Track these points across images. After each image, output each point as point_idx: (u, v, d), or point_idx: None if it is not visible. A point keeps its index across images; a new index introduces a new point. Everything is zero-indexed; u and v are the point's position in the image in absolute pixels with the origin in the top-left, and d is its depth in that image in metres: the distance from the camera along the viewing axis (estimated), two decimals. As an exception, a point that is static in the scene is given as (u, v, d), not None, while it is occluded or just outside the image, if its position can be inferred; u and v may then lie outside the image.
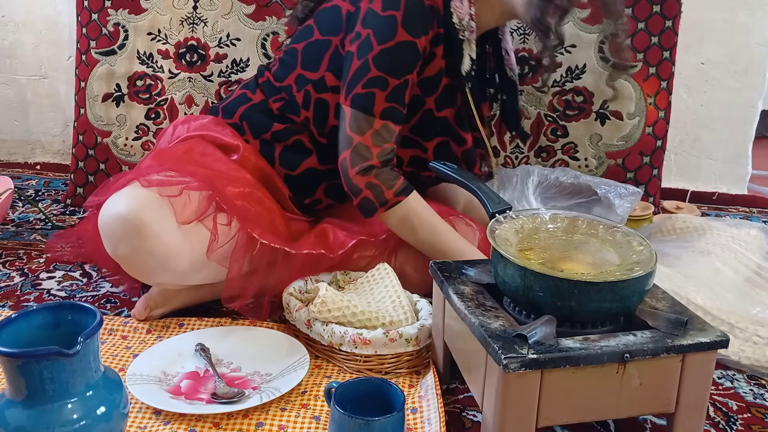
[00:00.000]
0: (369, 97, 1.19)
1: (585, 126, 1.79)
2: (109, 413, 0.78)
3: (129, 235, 1.06)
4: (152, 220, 1.07)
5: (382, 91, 1.18)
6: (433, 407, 0.96)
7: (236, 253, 1.16)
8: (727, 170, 2.03)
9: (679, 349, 0.83)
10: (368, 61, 1.18)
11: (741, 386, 1.10)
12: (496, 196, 1.05)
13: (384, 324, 1.09)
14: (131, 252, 1.08)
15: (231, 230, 1.16)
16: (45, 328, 0.82)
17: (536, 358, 0.79)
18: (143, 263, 1.09)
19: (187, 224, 1.12)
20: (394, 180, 1.22)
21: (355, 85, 1.19)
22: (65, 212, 1.81)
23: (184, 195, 1.12)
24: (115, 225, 1.07)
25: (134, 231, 1.06)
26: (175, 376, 1.04)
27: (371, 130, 1.19)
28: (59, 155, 2.22)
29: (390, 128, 1.21)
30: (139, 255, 1.08)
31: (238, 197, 1.19)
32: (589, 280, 0.83)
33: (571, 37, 1.74)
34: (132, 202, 1.07)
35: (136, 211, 1.06)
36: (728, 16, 1.89)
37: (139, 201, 1.07)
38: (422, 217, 1.24)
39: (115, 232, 1.07)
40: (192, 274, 1.15)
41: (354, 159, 1.21)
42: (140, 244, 1.07)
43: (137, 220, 1.06)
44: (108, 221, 1.08)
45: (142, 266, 1.10)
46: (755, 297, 1.23)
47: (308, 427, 0.95)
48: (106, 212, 1.08)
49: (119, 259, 1.11)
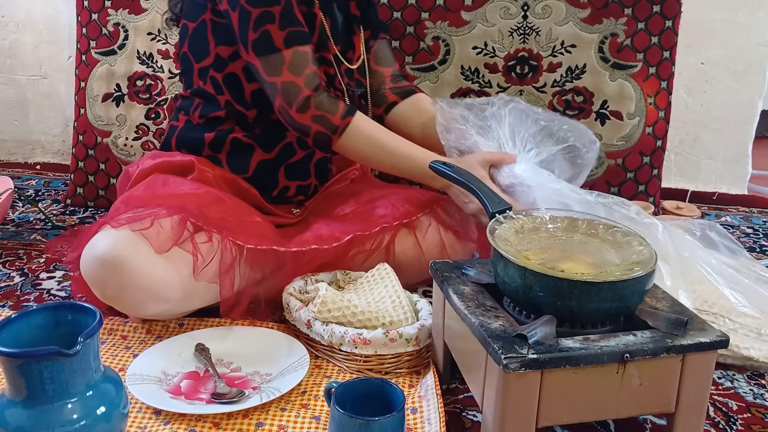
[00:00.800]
0: (264, 36, 1.19)
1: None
2: (109, 413, 0.78)
3: (111, 275, 1.06)
4: (130, 255, 1.06)
5: (272, 24, 1.18)
6: (433, 407, 0.96)
7: (223, 266, 1.15)
8: (727, 170, 2.03)
9: (679, 349, 0.83)
10: (243, 6, 1.18)
11: (741, 386, 1.10)
12: (496, 196, 1.05)
13: (384, 324, 1.09)
14: (119, 290, 1.08)
15: (214, 246, 1.15)
16: (45, 328, 0.82)
17: (536, 358, 0.79)
18: (133, 299, 1.09)
19: (166, 252, 1.11)
20: (336, 104, 1.24)
21: (245, 34, 1.19)
22: (65, 212, 1.81)
23: (155, 225, 1.11)
24: (95, 269, 1.07)
25: (115, 269, 1.06)
26: (175, 376, 1.04)
27: (285, 65, 1.19)
28: (59, 155, 2.22)
29: (300, 52, 1.21)
30: (127, 291, 1.08)
31: (211, 212, 1.18)
32: (589, 280, 0.83)
33: (571, 37, 1.74)
34: (106, 243, 1.07)
35: (111, 249, 1.06)
36: (728, 16, 1.89)
37: (113, 240, 1.07)
38: (374, 133, 1.26)
39: (98, 276, 1.08)
40: (187, 300, 1.14)
41: (287, 100, 1.21)
42: (125, 280, 1.07)
43: (114, 258, 1.06)
44: (89, 267, 1.08)
45: (134, 302, 1.09)
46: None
47: (308, 427, 0.95)
48: (85, 260, 1.09)
49: (111, 302, 1.11)
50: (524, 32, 1.75)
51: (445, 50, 1.76)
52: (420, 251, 1.28)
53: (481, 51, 1.76)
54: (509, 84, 1.78)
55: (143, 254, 1.08)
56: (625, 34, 1.74)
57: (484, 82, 1.78)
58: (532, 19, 1.74)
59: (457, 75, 1.77)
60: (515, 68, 1.77)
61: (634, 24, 1.73)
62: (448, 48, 1.76)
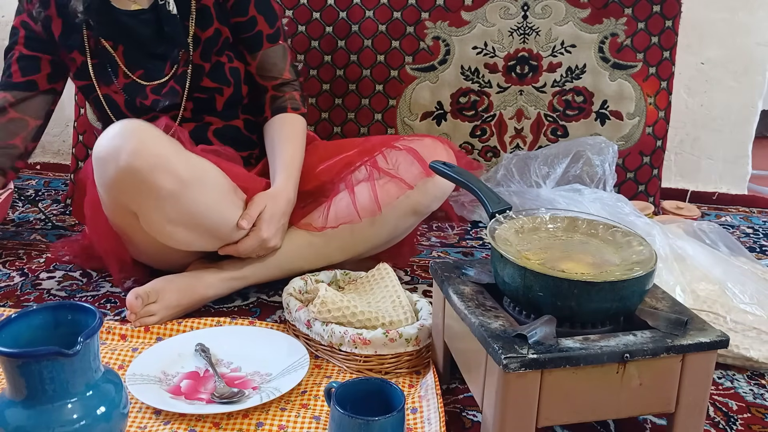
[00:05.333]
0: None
1: (585, 126, 1.79)
2: (109, 413, 0.78)
3: (127, 141, 1.09)
4: (139, 126, 1.12)
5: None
6: (433, 407, 0.96)
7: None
8: (727, 170, 2.03)
9: (679, 349, 0.83)
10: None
11: (741, 386, 1.10)
12: (496, 195, 1.04)
13: (384, 324, 1.09)
14: (132, 156, 1.09)
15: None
16: (45, 328, 0.82)
17: (536, 358, 0.79)
18: (145, 163, 1.09)
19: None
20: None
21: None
22: (65, 212, 1.81)
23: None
24: (109, 140, 1.11)
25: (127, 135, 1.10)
26: (175, 376, 1.04)
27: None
28: (59, 155, 2.22)
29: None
30: (140, 157, 1.09)
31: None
32: (589, 280, 0.83)
33: (571, 37, 1.74)
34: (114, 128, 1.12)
35: (122, 125, 1.12)
36: (728, 16, 1.89)
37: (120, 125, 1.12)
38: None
39: (111, 146, 1.10)
40: (195, 182, 1.15)
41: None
42: (136, 145, 1.09)
43: (124, 129, 1.11)
44: (100, 145, 1.12)
45: (146, 167, 1.09)
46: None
47: (308, 427, 0.95)
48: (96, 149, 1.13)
49: (121, 182, 1.11)
50: (524, 32, 1.75)
51: (445, 50, 1.76)
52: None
53: (481, 51, 1.76)
54: (509, 84, 1.78)
55: (156, 132, 1.14)
56: (625, 34, 1.74)
57: (484, 82, 1.78)
58: (532, 19, 1.74)
59: (457, 75, 1.77)
60: (515, 68, 1.77)
61: (634, 24, 1.73)
62: (448, 48, 1.76)
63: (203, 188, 1.16)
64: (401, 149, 1.31)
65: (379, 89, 1.79)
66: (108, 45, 1.30)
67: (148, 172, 1.09)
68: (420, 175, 1.28)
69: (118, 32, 1.30)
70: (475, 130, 1.81)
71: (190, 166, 1.15)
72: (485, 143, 1.82)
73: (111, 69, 1.32)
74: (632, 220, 1.36)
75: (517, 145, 1.82)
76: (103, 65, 1.32)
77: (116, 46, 1.31)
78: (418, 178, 1.28)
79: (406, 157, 1.30)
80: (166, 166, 1.11)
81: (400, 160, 1.31)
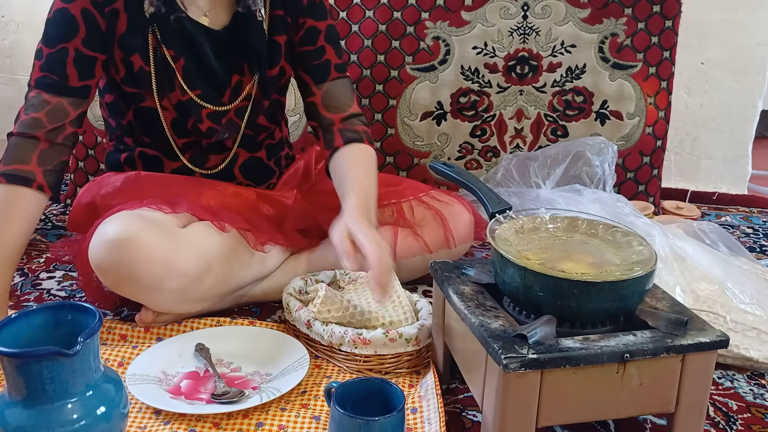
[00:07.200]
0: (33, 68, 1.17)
1: (585, 126, 1.79)
2: (109, 413, 0.78)
3: (124, 252, 1.06)
4: (141, 231, 1.08)
5: (39, 60, 1.16)
6: (433, 407, 0.96)
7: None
8: (727, 170, 2.03)
9: (679, 349, 0.83)
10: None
11: (741, 386, 1.10)
12: (496, 195, 1.05)
13: (384, 324, 1.09)
14: (133, 267, 1.07)
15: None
16: (45, 328, 0.82)
17: (536, 358, 0.79)
18: (149, 274, 1.08)
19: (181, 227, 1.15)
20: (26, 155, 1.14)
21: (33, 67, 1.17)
22: (65, 212, 1.81)
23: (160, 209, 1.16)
24: (107, 250, 1.07)
25: (127, 245, 1.06)
26: (175, 376, 1.04)
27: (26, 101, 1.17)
28: (59, 155, 2.21)
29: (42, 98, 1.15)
30: (142, 266, 1.07)
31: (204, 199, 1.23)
32: (589, 280, 0.83)
33: (571, 37, 1.74)
34: (116, 225, 1.08)
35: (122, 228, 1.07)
36: (728, 16, 1.89)
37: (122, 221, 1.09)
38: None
39: (110, 257, 1.07)
40: (203, 275, 1.14)
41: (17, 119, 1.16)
42: (138, 254, 1.07)
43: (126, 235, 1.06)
44: (100, 250, 1.07)
45: (151, 279, 1.08)
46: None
47: (308, 427, 0.95)
48: (95, 245, 1.08)
49: (126, 285, 1.10)
50: (524, 32, 1.75)
51: (445, 50, 1.76)
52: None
53: (481, 51, 1.76)
54: (509, 84, 1.78)
55: (153, 231, 1.09)
56: (625, 34, 1.74)
57: (484, 82, 1.78)
58: (532, 19, 1.74)
59: (457, 75, 1.77)
60: (515, 68, 1.77)
61: (634, 24, 1.73)
62: (448, 48, 1.76)
63: (210, 272, 1.16)
64: (430, 208, 1.33)
65: (379, 89, 1.79)
66: (169, 55, 1.19)
67: (154, 281, 1.09)
68: (442, 244, 1.31)
69: (183, 44, 1.19)
70: (475, 130, 1.81)
71: (194, 258, 1.13)
72: (485, 143, 1.82)
73: (168, 81, 1.20)
74: (632, 221, 1.36)
75: (517, 145, 1.82)
76: (160, 75, 1.19)
77: (177, 58, 1.19)
78: (440, 246, 1.31)
79: (434, 219, 1.31)
80: (171, 271, 1.10)
81: (428, 220, 1.32)
